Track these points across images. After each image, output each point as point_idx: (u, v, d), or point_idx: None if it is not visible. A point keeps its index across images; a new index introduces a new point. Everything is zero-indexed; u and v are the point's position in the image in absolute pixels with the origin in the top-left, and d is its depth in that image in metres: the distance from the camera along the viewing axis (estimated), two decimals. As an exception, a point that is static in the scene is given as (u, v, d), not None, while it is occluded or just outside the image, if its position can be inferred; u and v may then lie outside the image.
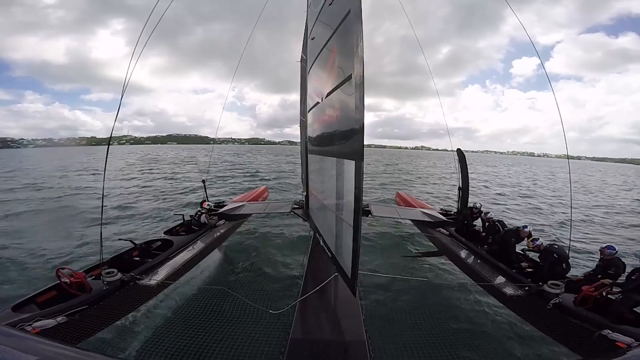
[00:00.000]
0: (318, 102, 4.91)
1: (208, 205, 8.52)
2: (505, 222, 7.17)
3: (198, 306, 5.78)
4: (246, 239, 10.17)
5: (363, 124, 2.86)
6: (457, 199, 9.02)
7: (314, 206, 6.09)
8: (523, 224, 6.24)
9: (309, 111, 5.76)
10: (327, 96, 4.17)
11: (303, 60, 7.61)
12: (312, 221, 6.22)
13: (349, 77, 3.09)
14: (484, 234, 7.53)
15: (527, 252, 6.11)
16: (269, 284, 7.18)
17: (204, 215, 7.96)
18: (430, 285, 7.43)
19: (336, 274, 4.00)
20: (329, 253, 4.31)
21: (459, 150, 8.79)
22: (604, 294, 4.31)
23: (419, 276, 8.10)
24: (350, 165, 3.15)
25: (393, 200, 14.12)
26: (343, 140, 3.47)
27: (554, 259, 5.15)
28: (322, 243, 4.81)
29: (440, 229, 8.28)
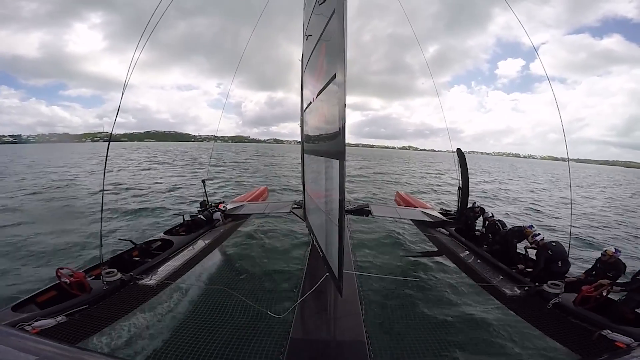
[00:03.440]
0: (311, 102, 4.93)
1: (224, 206, 8.69)
2: (506, 223, 7.17)
3: (198, 306, 5.78)
4: (246, 239, 10.17)
5: (344, 124, 2.86)
6: (457, 199, 9.01)
7: (310, 206, 6.09)
8: (529, 224, 6.23)
9: (304, 110, 5.77)
10: (317, 96, 4.19)
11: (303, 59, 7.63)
12: (308, 221, 6.23)
13: (334, 77, 3.11)
14: (484, 230, 7.53)
15: (527, 250, 6.11)
16: (268, 283, 7.18)
17: (218, 213, 8.04)
18: (430, 286, 7.43)
19: (327, 274, 4.01)
20: (320, 253, 4.32)
21: (459, 150, 8.78)
22: (604, 293, 4.31)
23: (419, 276, 8.10)
24: (335, 165, 3.15)
25: (393, 200, 14.13)
26: (329, 139, 3.49)
27: (548, 256, 5.16)
28: (315, 243, 4.82)
29: (440, 229, 8.27)
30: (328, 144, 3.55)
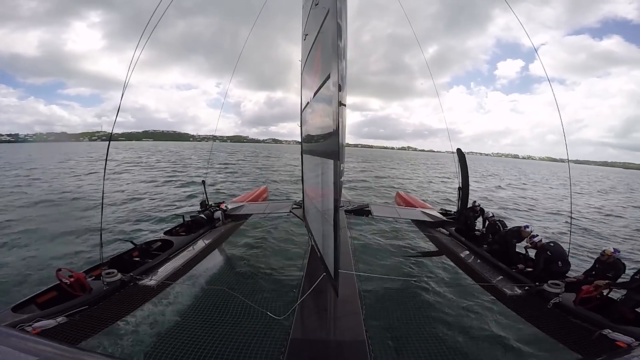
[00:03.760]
0: (308, 102, 4.95)
1: (225, 206, 8.68)
2: (506, 222, 7.16)
3: (198, 306, 5.79)
4: (246, 240, 10.17)
5: (338, 124, 2.85)
6: (457, 199, 9.01)
7: (308, 206, 6.11)
8: (525, 224, 6.24)
9: (303, 110, 5.80)
10: (314, 96, 4.22)
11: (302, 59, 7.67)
12: (306, 221, 6.23)
13: (328, 77, 3.13)
14: (484, 230, 7.53)
15: (527, 250, 6.11)
16: (269, 284, 7.18)
17: (219, 212, 8.05)
18: (430, 285, 7.43)
19: (324, 274, 4.01)
20: (318, 253, 4.32)
21: (458, 150, 8.78)
22: (605, 293, 4.31)
23: (419, 276, 8.10)
24: (330, 164, 3.18)
25: (393, 200, 14.12)
26: (325, 139, 3.53)
27: (547, 257, 5.17)
28: (313, 243, 4.81)
29: (440, 229, 8.27)
30: (324, 144, 3.57)
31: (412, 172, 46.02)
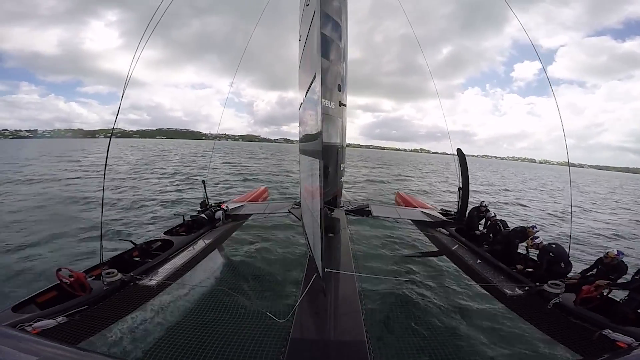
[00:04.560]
0: (302, 102, 5.01)
1: (226, 207, 8.68)
2: (508, 223, 7.15)
3: (198, 306, 5.78)
4: (246, 240, 10.18)
5: (322, 124, 3.06)
6: (457, 199, 9.01)
7: (303, 206, 6.17)
8: (531, 225, 6.22)
9: (298, 111, 5.88)
10: (305, 96, 4.28)
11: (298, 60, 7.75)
12: (302, 221, 6.27)
13: (314, 78, 3.19)
14: (484, 230, 7.52)
15: (529, 250, 6.11)
16: (269, 284, 7.18)
17: (220, 212, 8.05)
18: (430, 286, 7.43)
19: (315, 273, 4.03)
20: (310, 252, 4.33)
21: (459, 150, 8.79)
22: (605, 293, 4.31)
23: (419, 276, 8.10)
24: (316, 164, 3.27)
25: (393, 200, 14.11)
26: (313, 139, 3.64)
27: (550, 258, 5.17)
28: (306, 242, 4.83)
29: (440, 229, 8.26)
30: (312, 144, 3.63)
31: (440, 181, 33.61)
